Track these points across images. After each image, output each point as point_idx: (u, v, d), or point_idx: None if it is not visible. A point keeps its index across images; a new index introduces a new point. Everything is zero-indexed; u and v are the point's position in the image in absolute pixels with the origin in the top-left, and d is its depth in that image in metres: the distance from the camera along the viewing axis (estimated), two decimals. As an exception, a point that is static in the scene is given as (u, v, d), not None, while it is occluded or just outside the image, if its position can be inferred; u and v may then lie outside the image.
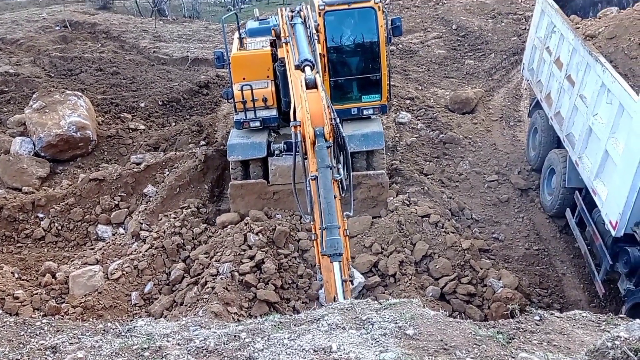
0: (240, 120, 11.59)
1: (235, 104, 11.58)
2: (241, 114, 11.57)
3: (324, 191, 6.02)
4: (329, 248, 5.79)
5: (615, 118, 8.69)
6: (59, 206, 12.15)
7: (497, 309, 9.33)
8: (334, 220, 5.87)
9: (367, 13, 10.98)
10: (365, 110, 11.66)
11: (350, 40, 11.49)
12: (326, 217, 5.90)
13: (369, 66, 11.57)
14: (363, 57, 11.66)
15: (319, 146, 6.29)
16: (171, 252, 10.71)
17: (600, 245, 9.34)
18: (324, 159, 6.18)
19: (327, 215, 5.90)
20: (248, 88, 11.31)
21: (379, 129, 11.58)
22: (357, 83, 11.69)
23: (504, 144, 14.58)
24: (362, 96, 11.72)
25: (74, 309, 9.58)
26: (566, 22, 11.18)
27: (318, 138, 6.32)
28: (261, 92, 11.47)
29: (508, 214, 12.32)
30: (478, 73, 18.27)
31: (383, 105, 11.82)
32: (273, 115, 11.62)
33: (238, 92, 11.36)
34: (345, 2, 10.91)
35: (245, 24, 12.79)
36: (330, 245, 5.79)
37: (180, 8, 31.50)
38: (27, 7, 29.33)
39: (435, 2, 23.50)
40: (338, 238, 5.84)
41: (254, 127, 11.62)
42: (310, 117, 6.42)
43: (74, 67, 18.73)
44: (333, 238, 5.80)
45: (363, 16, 11.10)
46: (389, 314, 4.67)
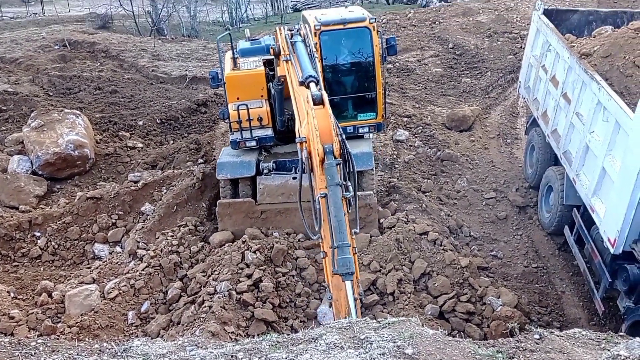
0: (236, 140, 11.60)
1: (230, 123, 11.60)
2: (237, 134, 11.60)
3: (335, 209, 5.96)
4: (341, 267, 5.76)
5: (611, 135, 8.72)
6: (56, 225, 12.10)
7: (496, 328, 9.25)
8: (345, 239, 5.84)
9: (362, 33, 11.07)
10: (361, 128, 11.70)
11: (346, 59, 11.57)
12: (337, 235, 5.87)
13: (365, 85, 11.64)
14: (358, 76, 11.73)
15: (328, 164, 6.17)
16: (168, 270, 10.64)
17: (599, 263, 9.31)
18: (333, 176, 6.09)
19: (338, 233, 5.87)
20: (244, 107, 11.35)
21: (369, 150, 11.56)
22: (353, 101, 11.75)
23: (502, 161, 14.61)
24: (358, 114, 11.77)
25: (69, 329, 9.47)
26: (561, 41, 11.28)
27: (327, 155, 6.20)
28: (256, 112, 11.51)
29: (506, 231, 12.30)
30: (475, 91, 18.38)
31: (379, 123, 11.87)
32: (269, 135, 11.64)
33: (234, 111, 11.39)
34: (341, 22, 11.00)
35: (237, 44, 12.84)
36: (342, 265, 5.75)
37: (179, 27, 31.78)
38: (26, 27, 29.53)
39: (431, 21, 23.72)
40: (350, 257, 5.81)
41: (250, 146, 11.62)
42: (319, 134, 6.31)
43: (73, 85, 18.81)
44: (345, 257, 5.77)
45: (358, 36, 11.20)
46: (388, 333, 4.63)
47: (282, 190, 11.25)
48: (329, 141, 6.28)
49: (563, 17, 13.20)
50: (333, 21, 11.01)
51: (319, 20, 10.97)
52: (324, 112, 6.56)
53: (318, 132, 6.29)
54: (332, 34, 11.08)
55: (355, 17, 11.07)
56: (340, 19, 11.01)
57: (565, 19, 13.18)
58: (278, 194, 11.25)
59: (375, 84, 11.47)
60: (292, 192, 11.21)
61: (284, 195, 11.24)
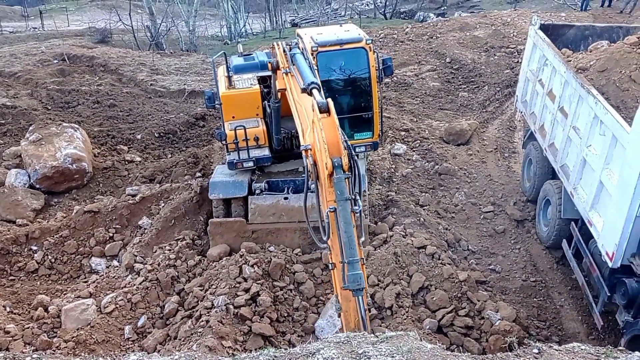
0: (233, 161, 11.49)
1: (227, 144, 11.49)
2: (233, 154, 11.50)
3: (345, 225, 5.97)
4: (352, 283, 5.87)
5: (608, 149, 8.75)
6: (53, 238, 12.06)
7: (495, 342, 9.21)
8: (355, 255, 5.91)
9: (359, 53, 11.05)
10: (358, 147, 11.67)
11: (343, 79, 11.56)
12: (347, 251, 5.92)
13: (361, 105, 11.61)
14: (355, 96, 11.69)
15: (337, 178, 6.08)
16: (165, 284, 10.59)
17: (597, 277, 9.29)
18: (342, 191, 6.04)
19: (349, 249, 5.92)
20: (241, 128, 11.33)
21: (362, 172, 11.50)
22: (350, 121, 11.73)
23: (499, 175, 14.63)
24: (355, 134, 11.75)
25: (65, 344, 9.40)
26: (558, 55, 11.35)
27: (336, 170, 6.10)
28: (253, 132, 11.48)
29: (504, 245, 12.29)
30: (472, 105, 18.46)
31: (375, 142, 11.87)
32: (266, 155, 11.60)
33: (231, 132, 11.34)
34: (337, 42, 10.99)
35: (230, 61, 12.79)
36: (353, 280, 5.86)
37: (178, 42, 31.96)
38: (26, 41, 29.69)
39: (429, 35, 23.89)
40: (360, 273, 5.90)
41: (247, 167, 11.59)
42: (327, 146, 6.16)
43: (71, 99, 18.85)
44: (355, 273, 5.87)
45: (355, 56, 11.18)
46: (386, 348, 4.61)
47: (273, 210, 11.26)
48: (337, 154, 6.16)
49: (559, 32, 13.30)
50: (330, 42, 10.99)
51: (315, 41, 10.97)
52: (331, 121, 6.44)
53: (326, 145, 6.15)
54: (329, 54, 11.01)
55: (352, 37, 11.03)
56: (337, 40, 11.00)
57: (562, 34, 13.29)
58: (269, 214, 11.25)
59: (371, 103, 11.45)
60: (283, 212, 11.24)
61: (275, 216, 11.26)
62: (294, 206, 11.19)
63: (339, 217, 6.00)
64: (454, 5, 40.04)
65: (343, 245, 5.96)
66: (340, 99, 11.71)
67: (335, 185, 6.07)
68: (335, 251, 6.23)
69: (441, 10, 38.61)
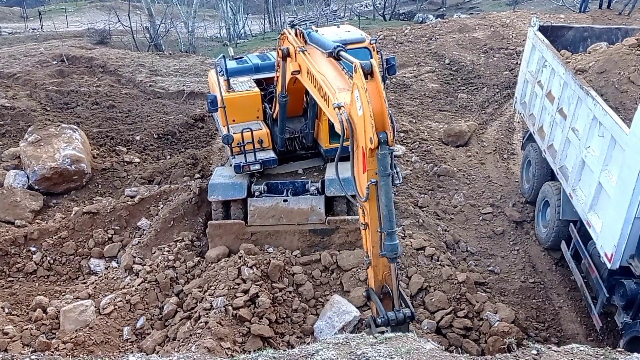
0: (240, 164, 11.41)
1: (232, 148, 11.43)
2: (239, 157, 11.45)
3: (385, 199, 6.27)
4: (390, 252, 6.43)
5: (607, 150, 8.75)
6: (52, 240, 12.05)
7: (494, 343, 9.21)
8: (393, 227, 6.34)
9: (363, 53, 10.99)
10: None
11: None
12: (386, 223, 6.34)
13: None
14: None
15: (382, 154, 6.09)
16: (164, 286, 10.59)
17: (596, 278, 9.30)
18: (386, 167, 6.14)
19: (388, 222, 6.33)
20: (248, 130, 11.31)
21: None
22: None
23: (498, 176, 14.64)
24: None
25: (64, 345, 9.39)
26: (557, 57, 11.37)
27: (381, 146, 6.05)
28: (257, 134, 11.47)
29: (503, 246, 12.29)
30: (471, 106, 18.47)
31: None
32: (272, 157, 11.58)
33: (237, 134, 11.30)
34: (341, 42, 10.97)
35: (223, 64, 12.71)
36: (390, 250, 6.42)
37: (177, 43, 31.98)
38: (25, 42, 29.70)
39: (428, 37, 23.89)
40: (397, 243, 6.43)
41: (254, 170, 11.54)
42: (374, 117, 6.01)
43: (70, 100, 18.83)
44: (393, 243, 6.39)
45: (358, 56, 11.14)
46: (385, 349, 4.61)
47: (272, 212, 11.25)
48: (383, 128, 6.07)
49: (558, 34, 13.31)
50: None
51: None
52: (377, 87, 6.19)
53: (373, 119, 6.02)
54: None
55: (355, 37, 10.97)
56: (340, 40, 10.91)
57: (561, 36, 13.30)
58: (268, 216, 11.24)
59: None
60: (282, 215, 11.23)
61: (274, 218, 11.25)
62: (293, 208, 11.19)
63: (381, 191, 6.26)
64: (453, 6, 40.10)
65: (382, 217, 6.35)
66: None
67: (379, 160, 6.16)
68: (371, 216, 6.58)
69: (440, 11, 38.67)
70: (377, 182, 6.26)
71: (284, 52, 9.81)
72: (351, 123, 6.48)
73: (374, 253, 6.78)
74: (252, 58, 13.26)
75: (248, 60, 13.06)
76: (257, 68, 12.58)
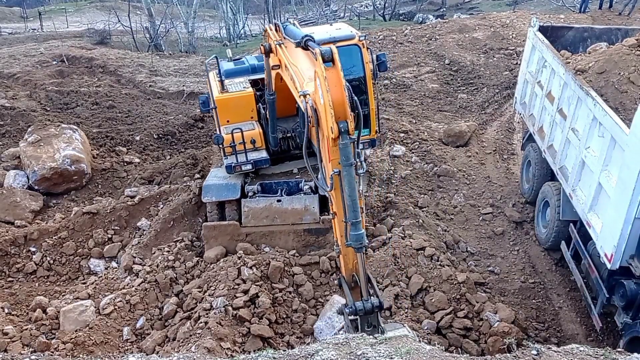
0: (231, 165, 11.46)
1: (224, 148, 11.46)
2: (231, 158, 11.48)
3: (349, 189, 6.20)
4: (355, 242, 6.32)
5: (607, 151, 8.75)
6: (52, 240, 12.05)
7: (494, 344, 9.21)
8: (357, 217, 6.24)
9: (352, 50, 10.98)
10: None
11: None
12: (350, 213, 6.26)
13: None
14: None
15: (343, 144, 6.01)
16: (164, 286, 10.59)
17: (596, 278, 9.29)
18: (348, 157, 6.05)
19: (352, 212, 6.24)
20: (238, 131, 11.31)
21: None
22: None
23: (498, 176, 14.64)
24: None
25: (64, 345, 9.39)
26: (557, 57, 11.36)
27: (342, 135, 5.96)
28: (249, 134, 11.47)
29: (503, 246, 12.29)
30: (471, 107, 18.47)
31: (372, 139, 11.80)
32: (264, 157, 11.59)
33: (228, 135, 11.31)
34: (330, 40, 10.88)
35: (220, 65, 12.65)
36: (355, 240, 6.29)
37: (177, 43, 31.98)
38: (25, 42, 29.69)
39: (428, 37, 23.89)
40: (362, 232, 6.28)
41: (245, 170, 11.56)
42: (333, 107, 5.93)
43: (70, 101, 18.84)
44: (358, 233, 6.26)
45: (348, 53, 11.08)
46: (385, 349, 4.61)
47: (266, 213, 11.25)
48: (343, 117, 6.00)
49: (558, 34, 13.31)
50: (322, 40, 10.85)
51: None
52: (336, 74, 6.14)
53: (333, 109, 5.95)
54: None
55: (345, 34, 10.90)
56: (330, 37, 10.86)
57: (561, 36, 13.30)
58: (262, 217, 11.23)
59: (367, 100, 11.41)
60: (276, 215, 11.22)
61: (268, 218, 11.24)
62: (287, 208, 11.19)
63: (344, 181, 6.19)
64: (453, 7, 40.10)
65: (347, 207, 6.28)
66: None
67: (341, 150, 6.07)
68: (337, 205, 6.57)
69: (440, 12, 38.67)
70: (340, 172, 6.18)
71: (266, 48, 9.78)
72: (317, 111, 6.37)
73: (342, 242, 6.76)
74: (250, 59, 13.29)
75: (245, 61, 13.09)
76: (254, 69, 12.59)
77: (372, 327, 6.56)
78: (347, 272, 6.99)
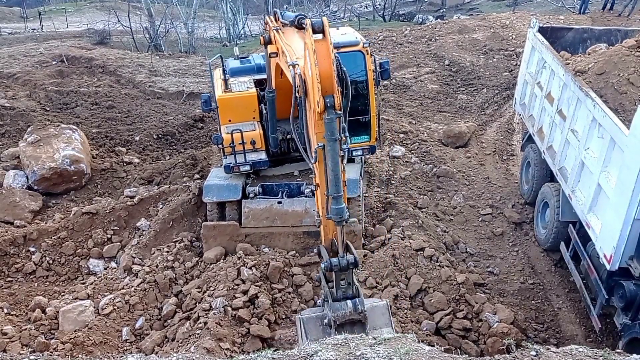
0: (230, 165, 11.44)
1: (223, 148, 11.43)
2: (230, 158, 11.46)
3: (332, 163, 6.29)
4: (335, 215, 6.43)
5: (607, 152, 8.76)
6: (51, 240, 12.04)
7: (493, 344, 9.22)
8: (339, 191, 6.37)
9: (356, 57, 10.96)
10: (355, 151, 11.59)
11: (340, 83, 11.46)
12: (332, 187, 6.37)
13: (358, 108, 11.50)
14: (352, 100, 11.59)
15: (328, 119, 6.09)
16: (163, 286, 10.58)
17: (595, 279, 9.30)
18: (333, 132, 6.15)
19: (334, 186, 6.36)
20: (238, 131, 11.29)
21: (355, 177, 11.35)
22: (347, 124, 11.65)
23: (498, 177, 14.64)
24: (351, 137, 11.66)
25: (63, 345, 9.39)
26: (556, 58, 11.37)
27: (328, 110, 6.05)
28: (249, 135, 11.44)
29: (502, 247, 12.29)
30: (471, 107, 18.47)
31: (372, 145, 11.76)
32: (263, 159, 11.56)
33: (227, 135, 11.28)
34: (334, 46, 10.91)
35: (226, 63, 12.65)
36: (336, 214, 6.42)
37: (177, 43, 31.97)
38: (24, 42, 29.68)
39: (427, 38, 23.90)
40: (343, 207, 6.40)
41: (244, 171, 11.54)
42: (320, 81, 5.99)
43: (70, 101, 18.82)
44: (339, 207, 6.39)
45: (352, 60, 11.08)
46: (384, 350, 4.61)
47: (267, 214, 11.21)
48: (330, 91, 6.07)
49: (558, 35, 13.32)
50: None
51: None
52: (325, 46, 6.20)
53: (320, 82, 6.01)
54: None
55: (349, 41, 10.89)
56: (334, 43, 10.91)
57: (560, 37, 13.31)
58: (263, 218, 11.21)
59: (368, 107, 11.36)
60: (276, 217, 11.19)
61: (268, 220, 11.21)
62: (288, 210, 11.17)
63: (327, 156, 6.27)
64: (453, 7, 40.12)
65: (329, 181, 6.37)
66: None
67: (326, 125, 6.17)
68: (320, 178, 6.66)
69: (440, 12, 38.70)
70: (325, 146, 6.25)
71: (265, 39, 9.78)
72: (305, 82, 6.45)
73: (323, 214, 6.88)
74: (256, 57, 13.22)
75: (252, 60, 13.03)
76: (259, 68, 12.53)
77: (347, 285, 6.77)
78: (326, 242, 7.15)
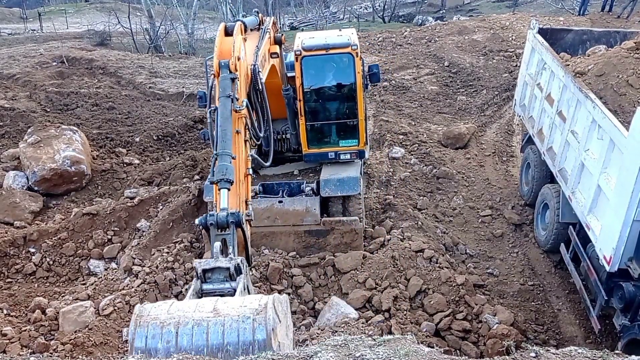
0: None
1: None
2: None
3: (222, 120, 6.16)
4: (217, 173, 5.73)
5: (606, 153, 8.77)
6: (51, 241, 12.05)
7: (492, 346, 9.21)
8: (227, 148, 5.92)
9: (345, 59, 10.98)
10: (343, 154, 11.60)
11: (328, 85, 11.44)
12: (220, 144, 5.95)
13: (346, 111, 11.52)
14: (340, 103, 11.60)
15: (222, 77, 6.51)
16: (163, 287, 10.59)
17: (595, 281, 9.30)
18: (225, 88, 6.40)
19: (221, 142, 5.96)
20: None
21: (356, 174, 11.37)
22: (334, 128, 11.61)
23: (497, 179, 14.65)
24: (340, 141, 11.67)
25: (63, 346, 9.38)
26: (556, 60, 11.39)
27: (222, 69, 6.55)
28: None
29: (502, 249, 12.30)
30: (470, 109, 18.48)
31: (361, 150, 11.73)
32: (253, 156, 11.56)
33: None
34: (323, 47, 10.87)
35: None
36: (219, 171, 5.74)
37: (177, 45, 31.97)
38: (24, 43, 29.67)
39: (427, 39, 23.93)
40: (229, 165, 5.79)
41: None
42: (218, 51, 6.81)
43: (70, 102, 18.82)
44: (223, 164, 5.78)
45: (340, 62, 11.09)
46: (383, 351, 4.61)
47: (267, 213, 11.21)
48: (226, 57, 6.69)
49: (557, 36, 13.34)
50: (316, 46, 10.89)
51: (301, 45, 10.91)
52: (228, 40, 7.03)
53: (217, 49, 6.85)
54: (314, 59, 10.90)
55: (339, 42, 10.90)
56: (323, 44, 10.87)
57: (560, 38, 13.33)
58: (263, 218, 11.20)
59: (356, 110, 11.34)
60: (277, 216, 11.18)
61: (269, 219, 11.20)
62: (288, 209, 11.17)
63: (218, 113, 6.27)
64: (453, 9, 40.17)
65: (217, 139, 6.04)
66: (325, 105, 11.63)
67: (220, 83, 6.49)
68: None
69: (440, 13, 38.75)
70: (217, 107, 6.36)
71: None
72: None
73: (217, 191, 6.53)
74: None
75: None
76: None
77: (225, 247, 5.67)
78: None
